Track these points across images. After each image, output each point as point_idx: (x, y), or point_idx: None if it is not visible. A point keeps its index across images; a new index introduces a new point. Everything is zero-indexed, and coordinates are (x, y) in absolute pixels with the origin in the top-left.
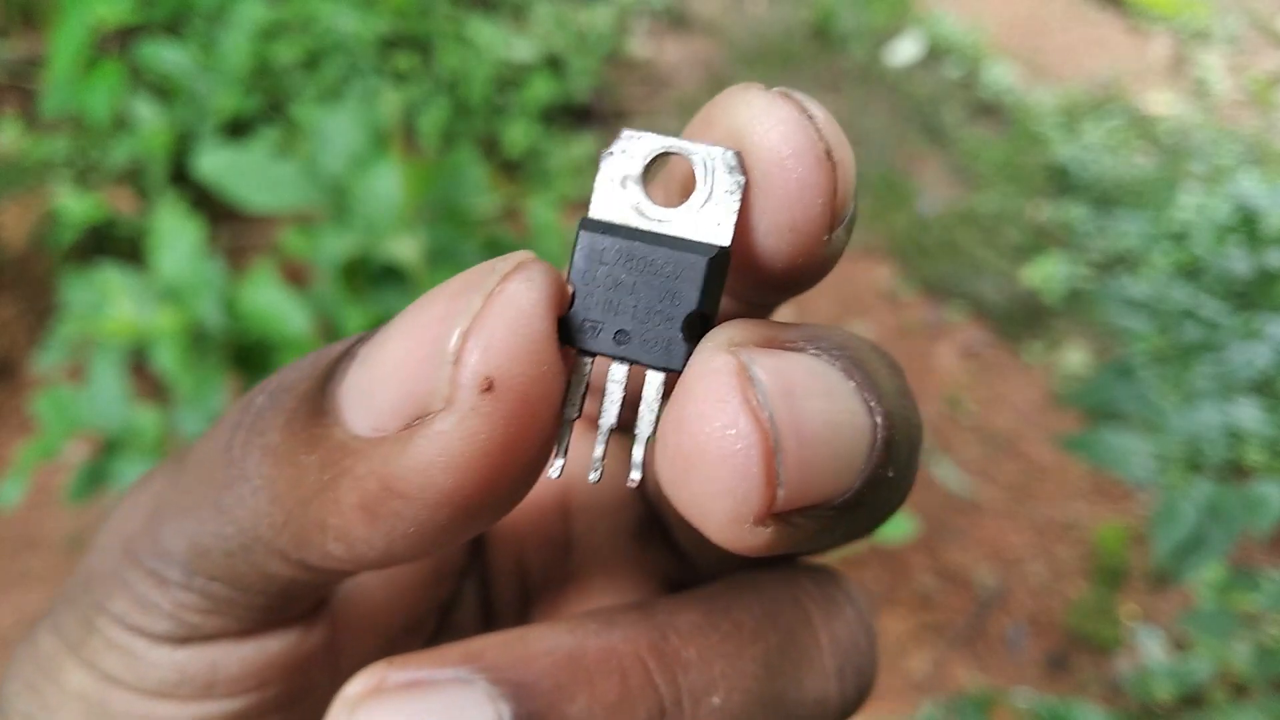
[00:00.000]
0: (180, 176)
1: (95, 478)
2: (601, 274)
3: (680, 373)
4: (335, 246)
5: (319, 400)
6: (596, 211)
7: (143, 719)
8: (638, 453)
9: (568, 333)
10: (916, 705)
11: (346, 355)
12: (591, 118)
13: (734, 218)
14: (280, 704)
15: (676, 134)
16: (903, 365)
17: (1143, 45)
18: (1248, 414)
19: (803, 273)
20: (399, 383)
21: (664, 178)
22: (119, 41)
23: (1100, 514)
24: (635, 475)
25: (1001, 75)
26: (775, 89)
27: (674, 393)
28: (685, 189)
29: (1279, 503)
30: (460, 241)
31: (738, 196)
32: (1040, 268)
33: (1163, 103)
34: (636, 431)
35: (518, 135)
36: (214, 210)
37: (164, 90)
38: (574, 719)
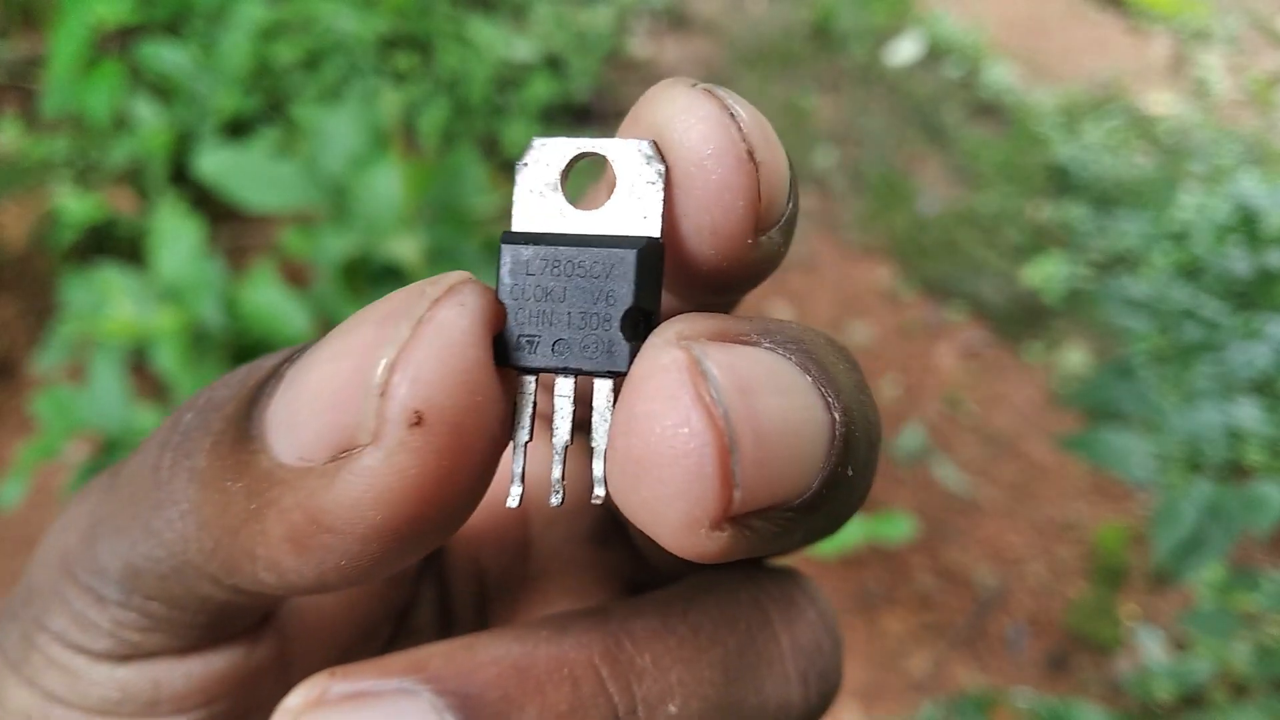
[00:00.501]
0: (180, 176)
1: None
2: (530, 285)
3: (625, 374)
4: (335, 246)
5: (245, 424)
6: (518, 224)
7: None
8: (598, 467)
9: (504, 352)
10: (916, 705)
11: (274, 376)
12: (591, 118)
13: (660, 207)
14: (230, 719)
15: (587, 135)
16: (902, 367)
17: (1143, 45)
18: (1248, 414)
19: (731, 274)
20: (324, 412)
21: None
22: (119, 41)
23: (1100, 514)
24: (599, 492)
25: (1001, 75)
26: (700, 85)
27: (621, 393)
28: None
29: (1279, 503)
30: (460, 241)
31: (660, 185)
32: (1040, 268)
33: (1163, 103)
34: (593, 444)
35: (518, 135)
36: (214, 210)
37: (164, 90)
38: None
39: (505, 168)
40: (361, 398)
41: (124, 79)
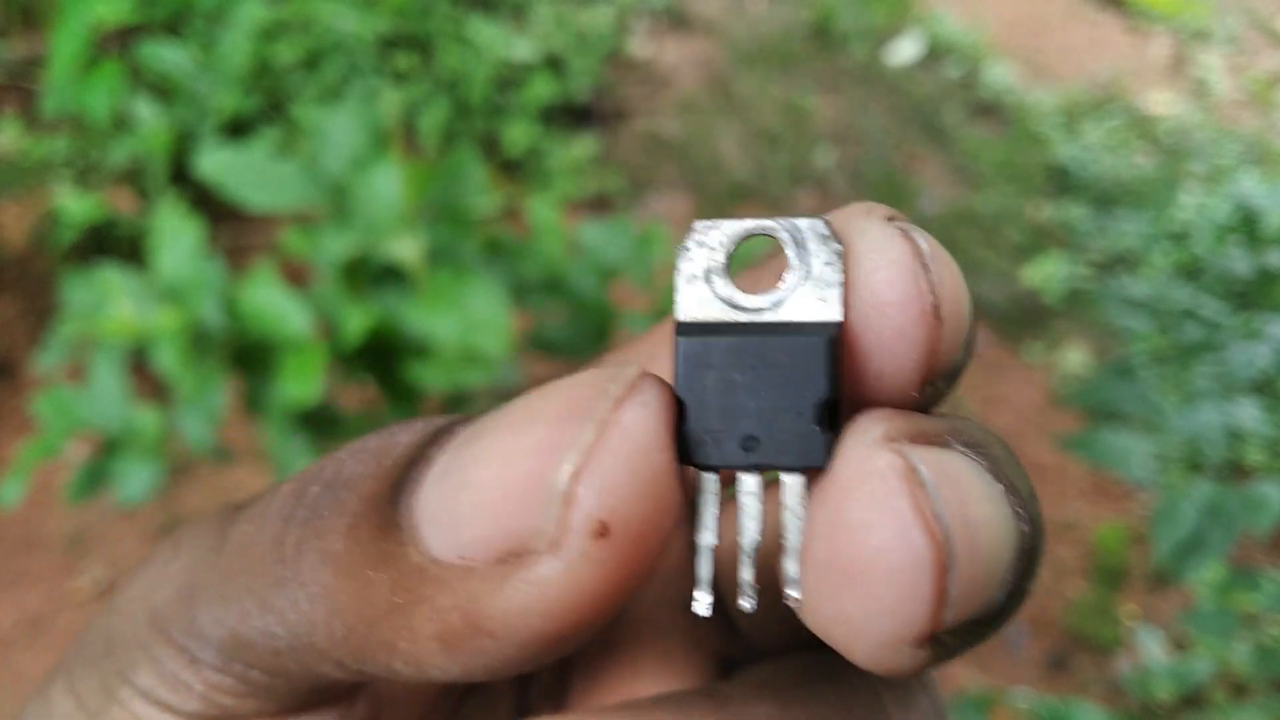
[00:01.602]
0: (180, 176)
1: (95, 478)
2: (711, 379)
3: (822, 468)
4: (335, 246)
5: (389, 511)
6: (685, 314)
7: None
8: (791, 568)
9: (688, 450)
10: None
11: (422, 459)
12: (592, 117)
13: (840, 290)
14: None
15: (755, 217)
16: None
17: (1143, 45)
18: (1248, 414)
19: None
20: (494, 513)
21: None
22: (119, 41)
23: (1100, 514)
24: (793, 593)
25: (1001, 75)
26: (897, 222)
27: (825, 495)
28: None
29: (1279, 503)
30: (461, 241)
31: (839, 267)
32: (1040, 268)
33: (1163, 103)
34: (785, 543)
35: (518, 135)
36: (214, 210)
37: (164, 90)
38: None
39: (505, 168)
40: (542, 503)
41: (124, 79)
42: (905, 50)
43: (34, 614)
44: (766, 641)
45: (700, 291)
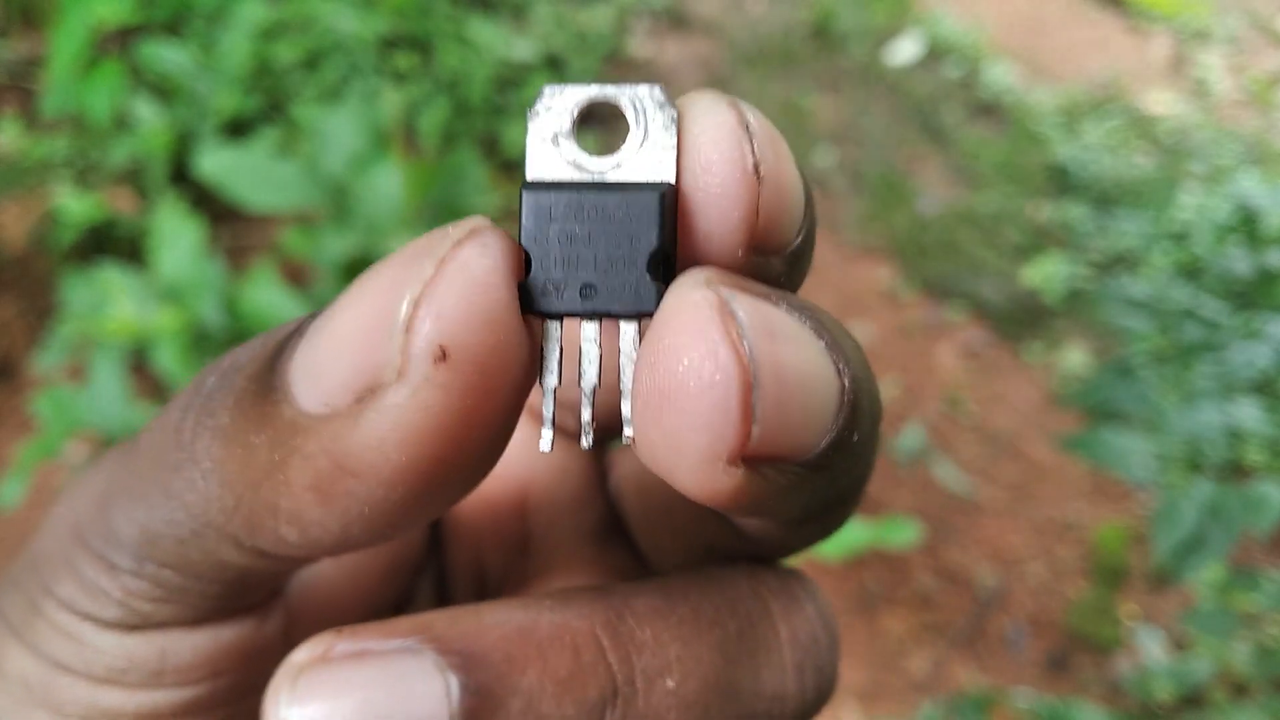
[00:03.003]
0: (181, 176)
1: None
2: (553, 232)
3: (653, 314)
4: (336, 246)
5: (268, 378)
6: (534, 172)
7: (88, 705)
8: (626, 408)
9: (530, 298)
10: (916, 705)
11: (296, 332)
12: (592, 118)
13: (674, 153)
14: (232, 695)
15: (598, 82)
16: (902, 366)
17: (1143, 45)
18: (1248, 414)
19: None
20: (349, 355)
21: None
22: (119, 41)
23: (1100, 514)
24: (628, 432)
25: (1001, 75)
26: (725, 95)
27: (650, 330)
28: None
29: (1279, 503)
30: None
31: (673, 131)
32: (1040, 267)
33: (1163, 102)
34: (621, 386)
35: (518, 135)
36: (214, 210)
37: (164, 90)
38: (524, 692)
39: (506, 168)
40: (386, 335)
41: (124, 79)
42: (905, 50)
43: None
44: (669, 568)
45: (548, 153)
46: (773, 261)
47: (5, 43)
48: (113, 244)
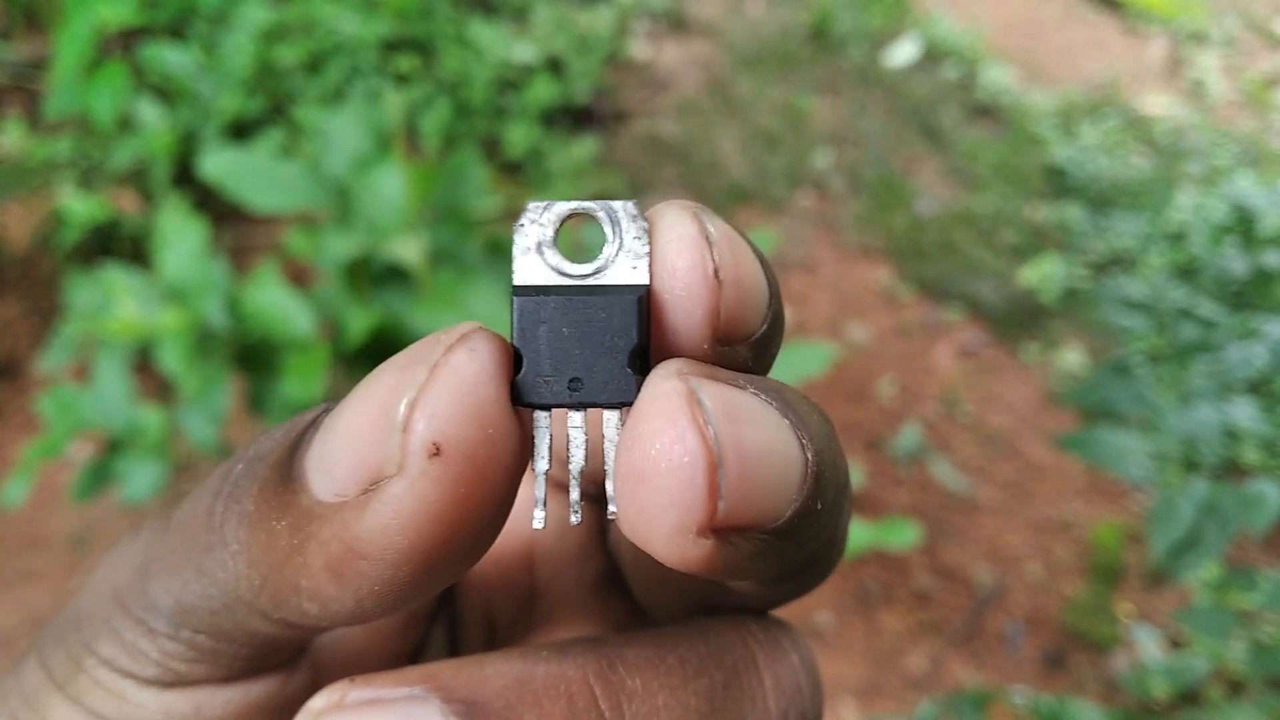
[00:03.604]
0: (184, 177)
1: (99, 477)
2: (543, 333)
3: (632, 403)
4: (338, 247)
5: (288, 469)
6: (521, 278)
7: None
8: (610, 486)
9: (523, 392)
10: (914, 703)
11: (313, 425)
12: (592, 119)
13: (647, 260)
14: None
15: (577, 198)
16: (900, 366)
17: (1140, 47)
18: (1244, 413)
19: None
20: (355, 450)
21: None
22: (123, 43)
23: (1097, 513)
24: (612, 508)
25: (999, 77)
26: (691, 208)
27: (629, 418)
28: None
29: (1275, 501)
30: (462, 242)
31: (645, 241)
32: (1037, 268)
33: (1159, 104)
34: (605, 467)
35: (519, 137)
36: (217, 211)
37: (167, 92)
38: None
39: (507, 169)
40: (387, 434)
41: (128, 81)
42: (903, 52)
43: (37, 613)
44: (667, 616)
45: (533, 261)
46: (739, 349)
47: (9, 44)
48: (116, 244)
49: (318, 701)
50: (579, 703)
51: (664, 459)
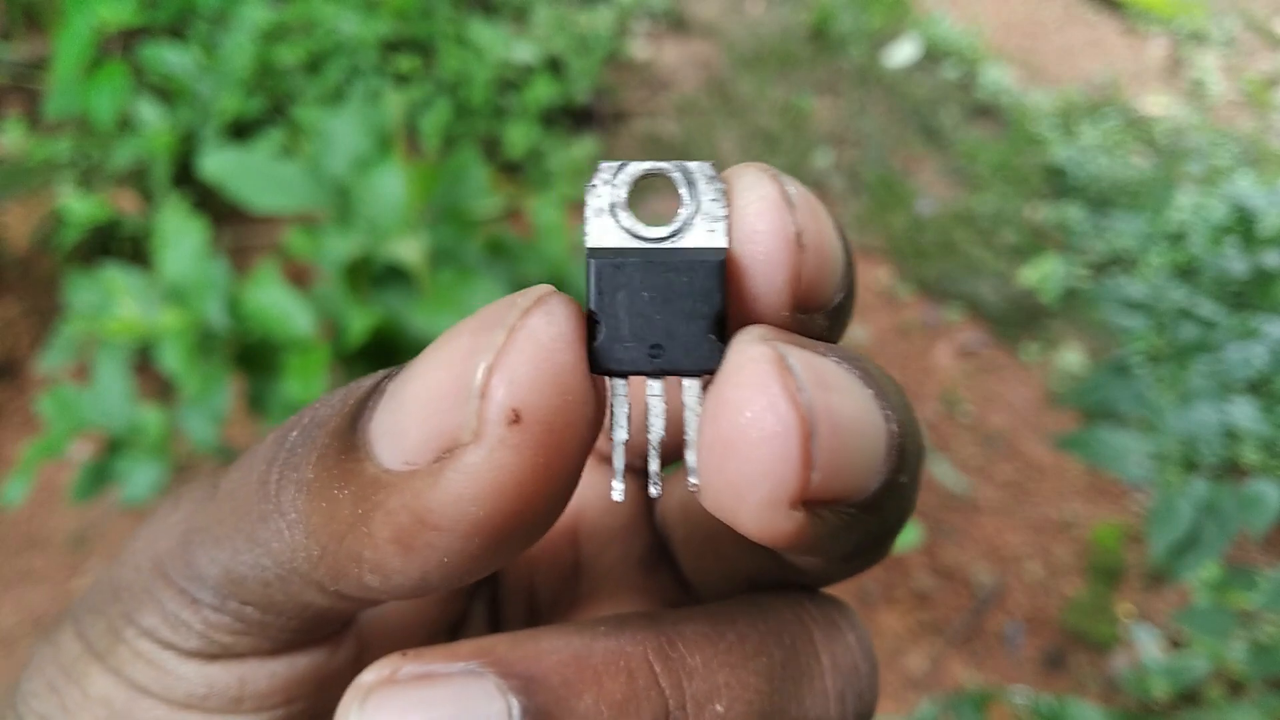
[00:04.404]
0: (184, 177)
1: (99, 477)
2: (621, 298)
3: (715, 371)
4: (339, 247)
5: (350, 436)
6: (594, 240)
7: None
8: (690, 458)
9: (601, 359)
10: (914, 703)
11: (375, 391)
12: (592, 119)
13: (725, 223)
14: (306, 718)
15: (651, 160)
16: (900, 366)
17: (1139, 47)
18: (1244, 413)
19: None
20: (427, 417)
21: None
22: (122, 43)
23: (1097, 513)
24: (693, 480)
25: (999, 77)
26: (770, 169)
27: (713, 385)
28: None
29: (1275, 501)
30: (463, 242)
31: (723, 203)
32: (1037, 268)
33: (1159, 104)
34: (686, 438)
35: (519, 136)
36: (218, 211)
37: (167, 92)
38: (581, 714)
39: (507, 169)
40: (463, 401)
41: (128, 80)
42: (903, 52)
43: (38, 612)
44: (715, 593)
45: (606, 223)
46: (816, 318)
47: (9, 44)
48: (116, 244)
49: (369, 676)
50: (639, 680)
51: (755, 427)
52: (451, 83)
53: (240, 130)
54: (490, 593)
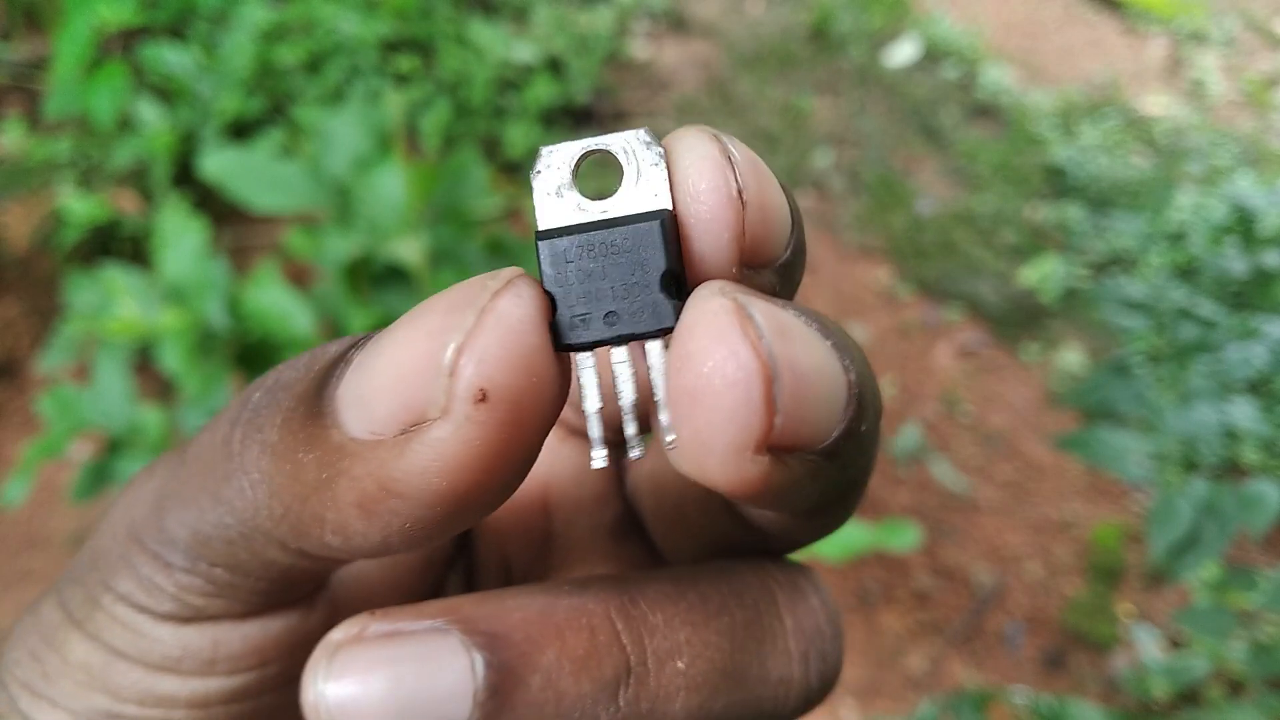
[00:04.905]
0: (184, 178)
1: (99, 477)
2: (571, 271)
3: (673, 328)
4: (339, 247)
5: (316, 402)
6: (545, 223)
7: (144, 691)
8: (664, 417)
9: (561, 335)
10: (914, 703)
11: (343, 360)
12: (592, 119)
13: (667, 185)
14: (280, 681)
15: (588, 137)
16: (900, 366)
17: (1139, 47)
18: (1244, 413)
19: None
20: (396, 391)
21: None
22: (122, 43)
23: (1097, 513)
24: (669, 438)
25: (999, 77)
26: (710, 130)
27: (674, 340)
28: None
29: (1274, 501)
30: (463, 242)
31: (662, 166)
32: (1037, 268)
33: (1159, 104)
34: (656, 399)
35: (519, 136)
36: (218, 211)
37: (167, 92)
38: (544, 669)
39: (507, 169)
40: (432, 376)
41: (128, 80)
42: (903, 52)
43: None
44: (682, 562)
45: (554, 205)
46: (764, 274)
47: (9, 44)
48: (116, 244)
49: (337, 634)
50: (601, 636)
51: (718, 375)
52: (451, 83)
53: (240, 130)
54: (466, 563)
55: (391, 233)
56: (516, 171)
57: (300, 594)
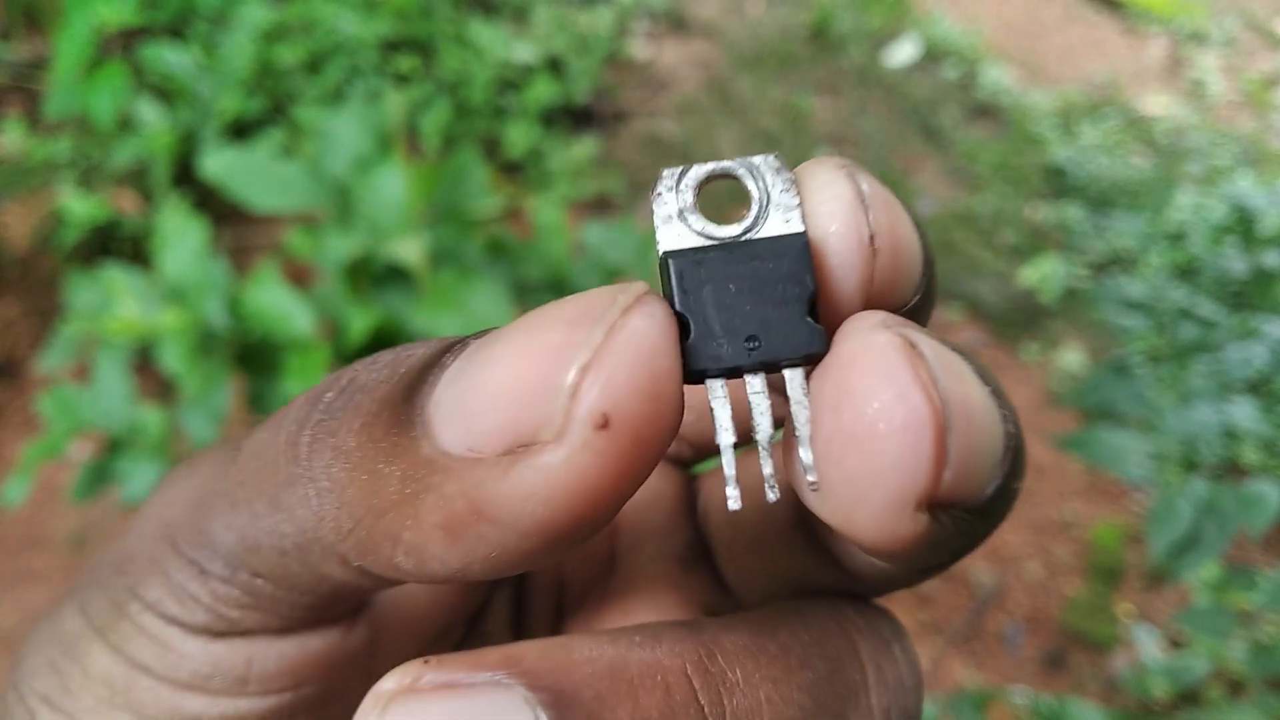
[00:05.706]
0: (184, 178)
1: (100, 477)
2: (707, 294)
3: (821, 356)
4: (339, 247)
5: (404, 409)
6: (667, 245)
7: (170, 710)
8: (806, 455)
9: (698, 360)
10: None
11: (437, 365)
12: (592, 119)
13: (799, 211)
14: (314, 704)
15: (714, 160)
16: None
17: (1139, 47)
18: (1244, 413)
19: None
20: (504, 406)
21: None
22: (122, 43)
23: (1097, 513)
24: (812, 479)
25: (999, 77)
26: (845, 166)
27: (827, 375)
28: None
29: (1275, 501)
30: (463, 242)
31: (794, 192)
32: (1037, 268)
33: (1159, 104)
34: (797, 434)
35: (519, 136)
36: (218, 211)
37: (167, 92)
38: None
39: (507, 169)
40: (550, 397)
41: (128, 80)
42: (903, 52)
43: (38, 613)
44: (755, 598)
45: (677, 228)
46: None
47: (8, 44)
48: (116, 245)
49: (388, 684)
50: (677, 695)
51: (883, 419)
52: (451, 83)
53: (240, 130)
54: (515, 581)
55: (392, 233)
56: (516, 171)
57: (344, 611)
